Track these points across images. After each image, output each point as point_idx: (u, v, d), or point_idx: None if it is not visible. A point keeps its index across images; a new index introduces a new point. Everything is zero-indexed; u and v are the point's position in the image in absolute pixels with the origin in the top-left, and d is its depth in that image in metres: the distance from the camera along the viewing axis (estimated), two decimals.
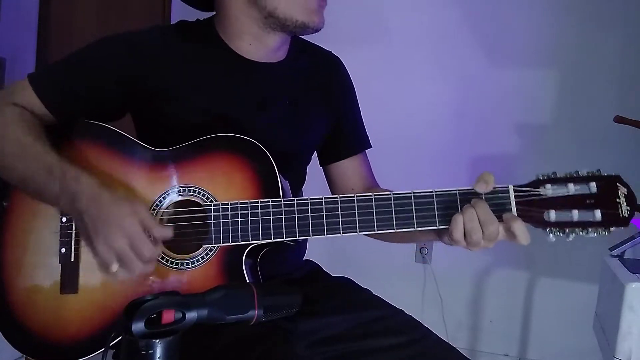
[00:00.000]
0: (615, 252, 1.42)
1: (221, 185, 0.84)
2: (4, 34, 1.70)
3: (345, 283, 1.08)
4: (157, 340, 0.54)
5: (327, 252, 1.15)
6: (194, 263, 0.83)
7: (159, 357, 0.54)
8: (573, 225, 0.77)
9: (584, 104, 2.08)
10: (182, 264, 0.84)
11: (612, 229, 0.76)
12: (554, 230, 0.77)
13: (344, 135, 1.09)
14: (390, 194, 0.81)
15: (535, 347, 2.18)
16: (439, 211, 0.80)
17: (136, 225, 0.76)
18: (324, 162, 1.12)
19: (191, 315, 0.59)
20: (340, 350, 0.91)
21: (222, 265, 0.83)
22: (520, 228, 0.76)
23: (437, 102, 2.21)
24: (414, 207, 0.80)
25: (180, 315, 0.58)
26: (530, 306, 2.17)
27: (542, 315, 2.16)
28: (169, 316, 0.57)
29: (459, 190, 0.81)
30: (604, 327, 1.34)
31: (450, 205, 0.80)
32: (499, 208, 0.78)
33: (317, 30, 0.94)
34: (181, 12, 1.11)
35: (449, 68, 2.21)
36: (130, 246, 0.76)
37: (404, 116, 2.23)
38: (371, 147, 1.14)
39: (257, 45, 0.96)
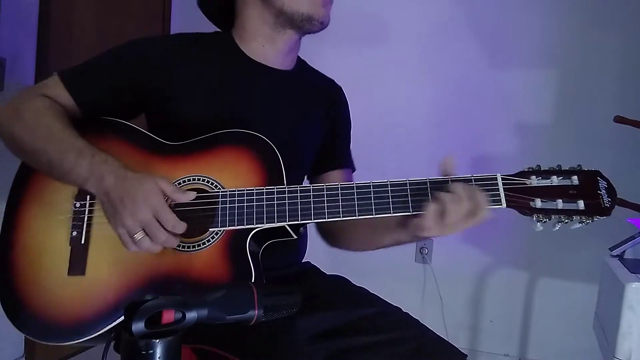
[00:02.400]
0: (615, 252, 1.42)
1: (229, 175, 0.90)
2: (4, 34, 1.70)
3: (340, 281, 1.10)
4: (157, 340, 0.54)
5: (328, 252, 1.15)
6: (200, 246, 0.87)
7: (159, 357, 0.54)
8: (558, 212, 0.82)
9: (584, 104, 2.08)
10: (188, 247, 0.87)
11: (595, 218, 0.82)
12: (540, 217, 0.82)
13: (334, 150, 1.15)
14: (387, 182, 0.86)
15: (535, 347, 2.18)
16: (412, 197, 0.85)
17: (160, 197, 0.82)
18: (312, 174, 1.16)
19: (191, 315, 0.59)
20: (335, 345, 0.93)
21: (227, 248, 0.86)
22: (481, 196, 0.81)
23: (437, 102, 2.21)
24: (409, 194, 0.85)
25: (180, 315, 0.58)
26: (530, 306, 2.17)
27: (542, 315, 2.16)
28: (169, 316, 0.57)
29: (429, 179, 0.85)
30: (604, 327, 1.34)
31: (421, 192, 0.85)
32: (487, 193, 0.83)
33: (323, 24, 1.00)
34: (181, 13, 1.11)
35: (449, 68, 2.21)
36: (155, 216, 0.81)
37: (404, 116, 2.23)
38: (355, 169, 1.20)
39: (270, 47, 1.03)
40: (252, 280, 0.83)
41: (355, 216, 0.85)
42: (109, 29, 2.20)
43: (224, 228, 0.87)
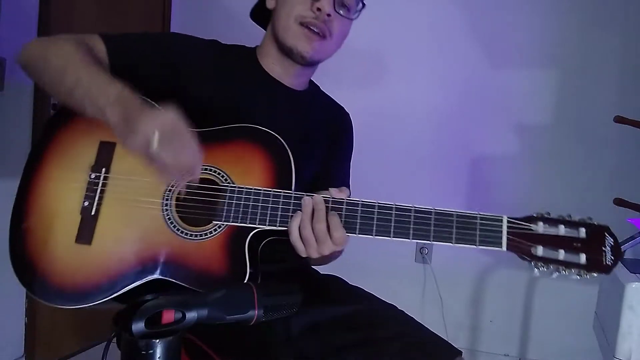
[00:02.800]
0: None
1: (240, 170, 0.91)
2: (4, 34, 1.70)
3: (335, 279, 1.12)
4: (157, 340, 0.54)
5: None
6: (202, 236, 0.88)
7: (159, 357, 0.54)
8: (557, 262, 0.81)
9: (584, 104, 2.08)
10: (192, 235, 0.88)
11: (593, 275, 0.80)
12: (539, 264, 0.82)
13: (330, 175, 1.15)
14: (392, 205, 0.87)
15: (535, 347, 2.18)
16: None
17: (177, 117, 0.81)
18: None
19: (191, 315, 0.59)
20: (329, 340, 0.94)
21: (227, 243, 0.88)
22: (335, 218, 0.84)
23: (437, 102, 2.21)
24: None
25: (180, 315, 0.58)
26: (530, 306, 2.17)
27: (542, 315, 2.16)
28: (169, 316, 0.57)
29: (434, 210, 0.86)
30: (604, 327, 1.34)
31: (425, 220, 0.86)
32: (490, 234, 0.83)
33: (304, 59, 1.02)
34: (181, 13, 1.12)
35: (449, 68, 2.21)
36: (172, 127, 0.79)
37: (404, 116, 2.23)
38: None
39: (278, 67, 1.07)
40: (247, 278, 0.84)
41: (355, 234, 0.85)
42: (109, 29, 2.20)
43: (228, 223, 0.88)
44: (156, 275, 0.86)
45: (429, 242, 0.84)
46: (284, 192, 0.88)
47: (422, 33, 2.23)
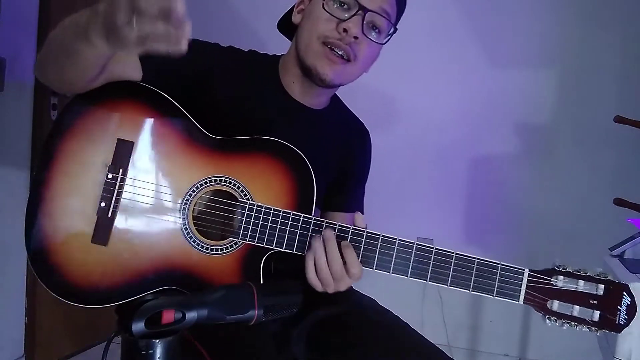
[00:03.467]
0: (615, 252, 1.42)
1: (259, 186, 0.88)
2: (4, 34, 1.70)
3: None
4: (157, 340, 0.54)
5: None
6: (218, 251, 0.87)
7: (159, 357, 0.54)
8: (570, 319, 0.82)
9: (584, 104, 2.08)
10: (207, 249, 0.88)
11: (604, 331, 0.82)
12: (552, 318, 0.83)
13: (343, 193, 1.13)
14: (414, 243, 0.87)
15: (535, 347, 2.18)
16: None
17: None
18: (321, 210, 1.14)
19: (191, 315, 0.58)
20: (313, 343, 0.95)
21: (242, 261, 0.87)
22: (351, 254, 0.83)
23: (437, 102, 2.21)
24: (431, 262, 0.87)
25: (180, 315, 0.58)
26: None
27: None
28: (169, 316, 0.57)
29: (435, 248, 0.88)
30: None
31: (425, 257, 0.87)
32: (508, 287, 0.84)
33: (323, 81, 0.96)
34: None
35: (449, 68, 2.21)
36: None
37: (404, 116, 2.23)
38: (363, 214, 1.17)
39: (299, 86, 1.02)
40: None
41: (372, 269, 0.85)
42: None
43: (244, 241, 0.87)
44: (170, 285, 0.86)
45: (446, 286, 0.84)
46: (304, 217, 0.86)
47: (422, 33, 2.22)
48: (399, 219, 1.70)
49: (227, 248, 0.87)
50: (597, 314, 0.82)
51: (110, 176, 0.89)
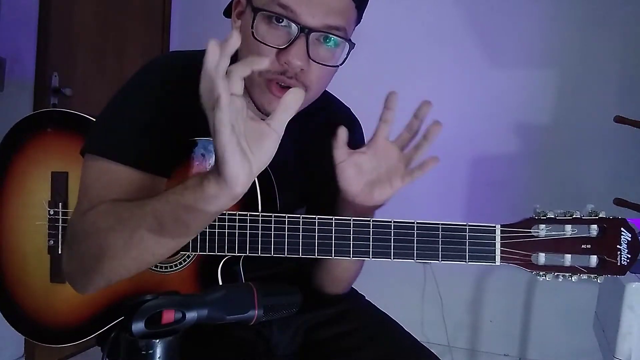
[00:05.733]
0: None
1: None
2: (4, 34, 1.70)
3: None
4: (157, 340, 0.54)
5: None
6: (172, 268, 0.84)
7: (159, 357, 0.54)
8: (563, 270, 0.73)
9: (584, 104, 2.08)
10: (161, 268, 0.84)
11: (606, 276, 0.72)
12: (541, 273, 0.74)
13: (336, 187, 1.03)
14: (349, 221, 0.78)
15: (535, 347, 2.18)
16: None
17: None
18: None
19: (191, 315, 0.58)
20: (310, 337, 0.93)
21: (199, 272, 0.83)
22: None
23: (437, 102, 2.20)
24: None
25: (180, 315, 0.58)
26: (530, 306, 2.17)
27: (542, 315, 2.16)
28: (169, 316, 0.57)
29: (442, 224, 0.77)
30: (604, 327, 1.34)
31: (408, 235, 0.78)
32: (481, 247, 0.75)
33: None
34: (181, 13, 1.11)
35: (449, 68, 2.21)
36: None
37: (404, 116, 2.23)
38: None
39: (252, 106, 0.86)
40: None
41: (331, 256, 0.78)
42: (109, 29, 2.20)
43: (195, 253, 0.81)
44: None
45: (413, 260, 0.75)
46: (250, 216, 0.78)
47: (422, 33, 2.23)
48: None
49: (180, 263, 0.83)
50: (594, 258, 0.72)
51: (52, 212, 0.87)
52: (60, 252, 0.86)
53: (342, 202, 0.83)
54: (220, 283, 0.82)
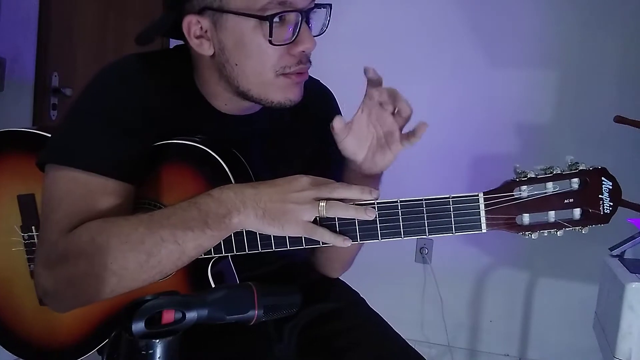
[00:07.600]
0: (615, 252, 1.42)
1: (176, 197, 0.77)
2: (4, 34, 1.70)
3: (327, 279, 1.07)
4: (157, 340, 0.54)
5: None
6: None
7: (159, 357, 0.54)
8: (548, 227, 0.73)
9: (584, 104, 2.08)
10: None
11: (590, 227, 0.73)
12: (527, 233, 0.74)
13: (329, 165, 0.99)
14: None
15: (535, 347, 2.18)
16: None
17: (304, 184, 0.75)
18: None
19: (191, 315, 0.58)
20: (309, 335, 0.93)
21: (189, 277, 0.82)
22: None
23: (437, 102, 2.21)
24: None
25: (180, 315, 0.58)
26: (530, 306, 2.17)
27: (542, 315, 2.16)
28: (169, 316, 0.57)
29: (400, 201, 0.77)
30: (604, 327, 1.34)
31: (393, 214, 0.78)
32: (466, 217, 0.74)
33: (290, 105, 0.84)
34: None
35: (449, 68, 2.21)
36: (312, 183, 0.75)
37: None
38: None
39: (233, 105, 0.87)
40: None
41: (287, 247, 0.77)
42: (109, 29, 2.20)
43: None
44: None
45: (401, 238, 0.75)
46: None
47: (422, 32, 2.23)
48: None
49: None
50: (577, 211, 0.72)
51: (26, 236, 0.85)
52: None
53: (350, 173, 0.85)
54: (212, 285, 0.81)
